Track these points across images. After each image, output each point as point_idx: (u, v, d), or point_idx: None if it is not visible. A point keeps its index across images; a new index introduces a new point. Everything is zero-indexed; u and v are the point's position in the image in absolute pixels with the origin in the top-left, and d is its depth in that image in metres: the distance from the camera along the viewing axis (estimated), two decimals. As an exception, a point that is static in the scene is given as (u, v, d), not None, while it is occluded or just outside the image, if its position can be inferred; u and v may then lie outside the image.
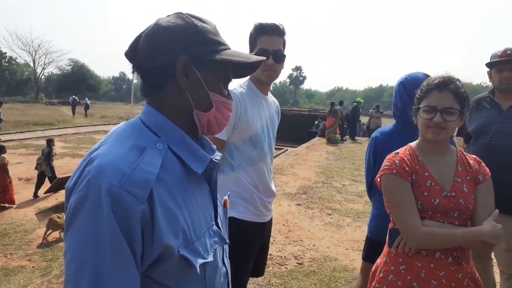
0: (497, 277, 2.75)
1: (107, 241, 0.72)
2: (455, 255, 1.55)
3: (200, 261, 0.84)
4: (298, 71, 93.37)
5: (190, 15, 0.91)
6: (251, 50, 1.98)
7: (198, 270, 0.83)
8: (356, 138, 17.19)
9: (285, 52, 2.00)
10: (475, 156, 1.71)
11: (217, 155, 0.99)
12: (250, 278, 2.23)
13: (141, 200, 0.75)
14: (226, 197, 1.09)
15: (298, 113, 25.94)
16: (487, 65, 2.64)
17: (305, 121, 22.43)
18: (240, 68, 0.99)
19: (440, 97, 1.56)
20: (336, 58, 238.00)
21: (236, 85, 2.03)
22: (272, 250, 4.25)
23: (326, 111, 23.38)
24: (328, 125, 16.10)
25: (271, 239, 4.59)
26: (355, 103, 17.58)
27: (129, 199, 0.74)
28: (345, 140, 16.64)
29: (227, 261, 1.04)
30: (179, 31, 0.87)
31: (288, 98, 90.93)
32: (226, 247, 1.04)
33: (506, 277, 2.60)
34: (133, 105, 23.47)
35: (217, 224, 0.96)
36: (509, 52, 2.53)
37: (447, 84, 1.56)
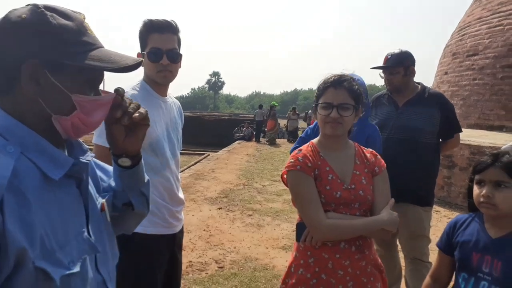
0: (402, 262, 3.00)
1: None
2: (358, 244, 1.64)
3: (62, 272, 0.76)
4: (216, 77, 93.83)
5: (47, 7, 0.80)
6: (142, 49, 1.86)
7: (58, 282, 0.75)
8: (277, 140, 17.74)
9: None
10: (371, 150, 1.83)
11: (89, 156, 0.92)
12: None
13: None
14: (103, 201, 1.00)
15: (219, 118, 26.00)
16: (371, 68, 2.94)
17: (226, 126, 22.54)
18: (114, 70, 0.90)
19: (335, 94, 1.64)
20: (253, 63, 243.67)
21: (127, 87, 1.85)
22: (193, 256, 4.17)
23: (247, 116, 23.59)
24: (269, 128, 16.84)
25: (191, 246, 4.52)
26: (271, 107, 18.28)
27: None
28: (265, 143, 17.13)
29: (104, 269, 0.94)
30: (28, 29, 0.77)
31: (208, 103, 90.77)
32: (108, 253, 0.97)
33: (409, 261, 2.84)
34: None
35: (88, 232, 0.88)
36: (389, 57, 2.83)
37: (342, 82, 1.66)
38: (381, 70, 2.88)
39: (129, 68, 0.89)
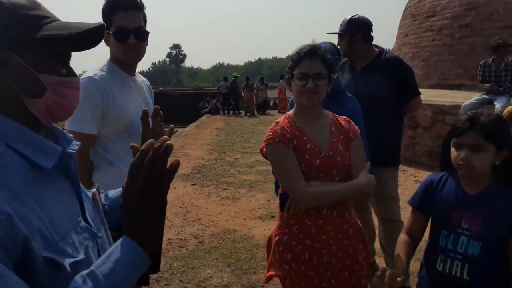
0: (376, 222, 3.14)
1: None
2: (339, 209, 1.70)
3: (69, 260, 0.76)
4: (177, 49, 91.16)
5: None
6: (107, 29, 1.76)
7: (69, 269, 0.75)
8: (240, 112, 17.62)
9: (148, 28, 1.83)
10: (345, 117, 1.86)
11: (74, 145, 0.90)
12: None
13: None
14: (94, 190, 1.00)
15: (183, 92, 25.54)
16: (327, 34, 3.03)
17: (192, 100, 22.19)
18: (78, 41, 0.85)
19: (310, 65, 1.65)
20: (214, 33, 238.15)
21: (95, 69, 1.79)
22: (171, 234, 4.18)
23: (212, 88, 23.29)
24: (246, 99, 16.89)
25: (169, 224, 4.51)
26: (233, 78, 18.09)
27: None
28: (232, 114, 17.08)
29: None
30: None
31: (170, 77, 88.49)
32: (105, 239, 0.96)
33: (380, 221, 2.97)
34: None
35: (85, 220, 0.88)
36: (341, 25, 2.91)
37: (315, 52, 1.67)
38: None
39: (93, 35, 0.85)
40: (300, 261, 1.69)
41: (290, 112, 1.80)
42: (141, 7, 1.79)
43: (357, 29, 2.83)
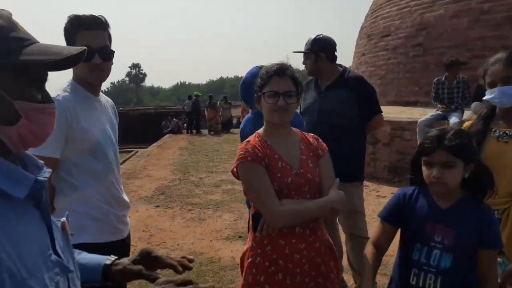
0: (343, 238, 3.13)
1: None
2: (311, 227, 1.68)
3: None
4: (137, 68, 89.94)
5: None
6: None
7: None
8: (201, 130, 17.50)
9: (113, 48, 1.78)
10: (312, 134, 1.88)
11: (46, 172, 0.84)
12: None
13: None
14: (63, 219, 0.93)
15: (144, 112, 25.11)
16: (293, 52, 3.08)
17: (153, 119, 21.83)
18: (56, 64, 0.81)
19: (280, 82, 1.66)
20: (175, 52, 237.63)
21: (57, 89, 1.70)
22: (135, 259, 3.98)
23: (174, 107, 23.02)
24: (209, 118, 16.91)
25: (132, 249, 4.28)
26: (194, 97, 18.09)
27: None
28: (193, 133, 16.97)
29: None
30: None
31: (130, 97, 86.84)
32: (74, 274, 0.89)
33: (348, 237, 2.98)
34: None
35: (56, 253, 0.81)
36: (306, 43, 2.97)
37: (285, 70, 1.68)
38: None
39: (73, 59, 0.80)
40: (274, 283, 1.64)
41: (260, 131, 1.78)
42: (106, 26, 1.75)
43: (321, 48, 2.89)
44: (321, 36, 2.94)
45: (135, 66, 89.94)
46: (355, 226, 2.90)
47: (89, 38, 1.67)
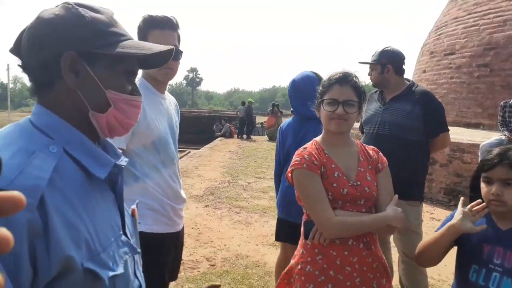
0: (395, 258, 3.07)
1: None
2: (365, 241, 1.67)
3: (109, 273, 0.77)
4: (194, 73, 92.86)
5: (78, 4, 0.83)
6: None
7: (107, 282, 0.76)
8: (252, 137, 17.75)
9: (181, 48, 1.86)
10: (372, 147, 1.86)
11: (123, 160, 0.92)
12: None
13: (28, 208, 0.64)
14: (134, 206, 1.02)
15: (199, 114, 25.82)
16: (359, 63, 3.09)
17: (206, 122, 22.42)
18: (146, 60, 0.91)
19: (341, 91, 1.67)
20: (231, 59, 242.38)
21: None
22: (184, 254, 4.10)
23: (226, 112, 23.46)
24: (269, 125, 17.24)
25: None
26: (248, 104, 18.40)
27: None
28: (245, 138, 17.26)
29: (139, 273, 0.96)
30: (63, 24, 0.79)
31: (186, 99, 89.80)
32: (138, 258, 0.97)
33: (402, 259, 2.87)
34: (10, 111, 20.87)
35: (125, 234, 0.89)
36: (373, 54, 2.95)
37: (347, 78, 1.69)
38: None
39: (163, 56, 0.90)
40: None
41: (318, 139, 1.79)
42: (176, 27, 1.83)
43: (389, 60, 2.85)
44: (389, 48, 2.91)
45: (193, 70, 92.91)
46: (410, 246, 2.76)
47: (160, 37, 1.73)
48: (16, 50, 0.84)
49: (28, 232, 0.64)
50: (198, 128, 21.19)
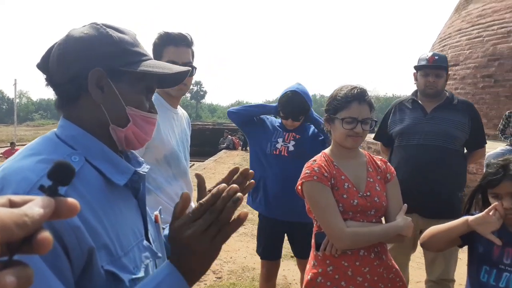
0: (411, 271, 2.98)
1: None
2: (376, 251, 1.67)
3: (129, 276, 0.79)
4: (198, 86, 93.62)
5: (106, 25, 0.88)
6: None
7: (127, 283, 0.78)
8: None
9: (194, 64, 1.91)
10: (380, 157, 1.87)
11: (145, 168, 0.95)
12: None
13: None
14: (156, 212, 1.05)
15: (203, 127, 25.96)
16: (415, 67, 2.75)
17: (210, 135, 22.54)
18: (164, 80, 0.97)
19: (360, 109, 1.67)
20: (234, 72, 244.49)
21: None
22: (190, 267, 4.13)
23: (230, 125, 23.54)
24: None
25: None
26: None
27: None
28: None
29: None
30: (92, 42, 0.85)
31: (190, 112, 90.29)
32: (160, 263, 0.97)
33: (434, 280, 2.61)
34: (17, 126, 21.08)
35: (147, 240, 0.92)
36: (436, 58, 2.66)
37: (364, 96, 1.69)
38: (415, 71, 2.77)
39: (180, 76, 0.95)
40: None
41: (326, 151, 1.80)
42: (190, 44, 1.88)
43: (447, 67, 2.70)
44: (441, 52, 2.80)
45: (197, 83, 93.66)
46: (445, 268, 2.58)
47: (175, 54, 1.80)
48: (42, 66, 0.88)
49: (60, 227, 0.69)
50: (202, 141, 21.27)
